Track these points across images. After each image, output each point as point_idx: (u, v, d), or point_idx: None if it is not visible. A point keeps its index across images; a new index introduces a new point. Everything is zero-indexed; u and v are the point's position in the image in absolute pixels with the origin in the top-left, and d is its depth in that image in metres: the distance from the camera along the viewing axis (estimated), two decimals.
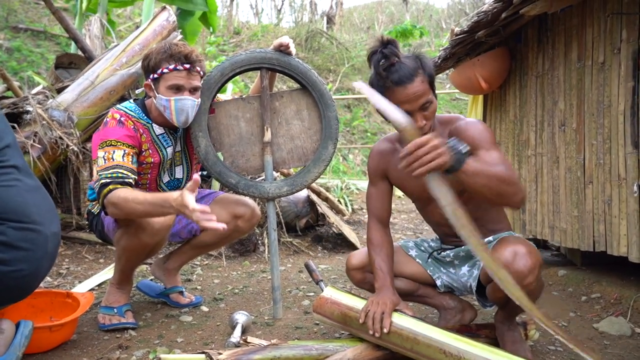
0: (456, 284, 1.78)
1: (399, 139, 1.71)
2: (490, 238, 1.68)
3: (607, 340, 1.84)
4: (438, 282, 1.79)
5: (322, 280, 2.05)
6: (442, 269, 1.80)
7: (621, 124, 2.10)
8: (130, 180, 1.78)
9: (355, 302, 1.62)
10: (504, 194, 1.36)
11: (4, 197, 1.36)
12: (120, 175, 1.76)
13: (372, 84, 1.54)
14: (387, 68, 1.49)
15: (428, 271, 1.80)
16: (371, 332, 1.51)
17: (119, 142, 1.82)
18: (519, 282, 1.42)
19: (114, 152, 1.80)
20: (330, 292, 1.69)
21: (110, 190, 1.71)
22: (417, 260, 1.82)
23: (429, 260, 1.81)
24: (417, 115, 1.52)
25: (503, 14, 2.36)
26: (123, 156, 1.80)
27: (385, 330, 1.50)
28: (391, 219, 5.35)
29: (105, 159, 1.78)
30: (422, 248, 1.85)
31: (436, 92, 1.59)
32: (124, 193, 1.71)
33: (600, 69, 2.23)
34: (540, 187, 2.73)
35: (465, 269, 1.74)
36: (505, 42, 2.93)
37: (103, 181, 1.74)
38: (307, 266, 2.14)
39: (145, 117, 1.95)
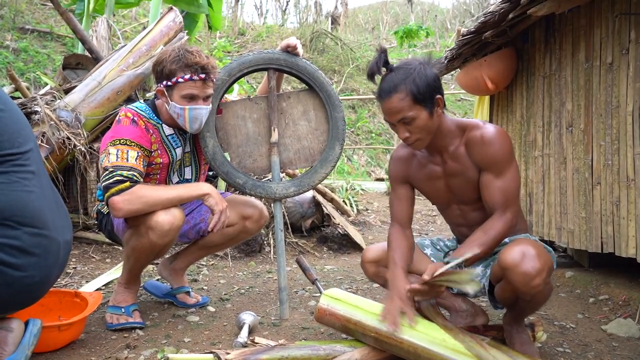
0: None
1: None
2: (507, 240, 1.67)
3: (615, 342, 1.83)
4: None
5: (317, 279, 2.04)
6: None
7: (629, 124, 2.09)
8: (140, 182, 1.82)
9: (353, 312, 1.59)
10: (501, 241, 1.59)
11: (24, 201, 1.36)
12: (135, 178, 1.80)
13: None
14: (373, 78, 1.58)
15: None
16: (386, 329, 1.50)
17: (133, 142, 1.83)
18: (526, 283, 1.43)
19: (127, 152, 1.81)
20: (327, 302, 1.65)
21: (129, 187, 1.76)
22: (432, 259, 1.82)
23: (445, 259, 1.80)
24: (399, 127, 1.57)
25: (510, 14, 2.35)
26: (136, 158, 1.83)
27: (410, 322, 1.49)
28: None
29: (118, 157, 1.80)
30: (438, 247, 1.85)
31: (441, 97, 1.57)
32: (145, 187, 1.80)
33: (608, 70, 2.22)
34: (547, 188, 2.72)
35: (479, 269, 1.73)
36: (512, 43, 2.92)
37: (118, 177, 1.76)
38: (299, 264, 2.11)
39: (156, 117, 1.96)
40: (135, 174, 1.80)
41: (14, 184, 1.36)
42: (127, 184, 1.76)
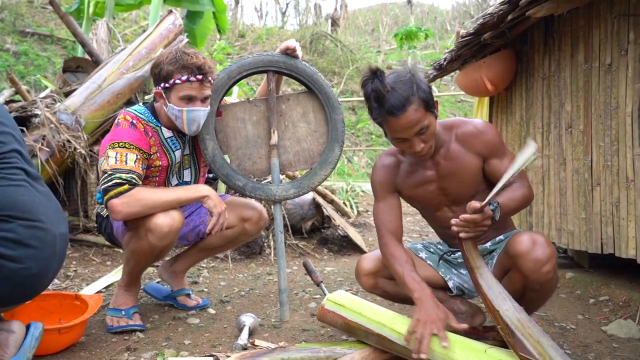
0: (467, 285, 1.77)
1: (401, 152, 1.72)
2: (502, 237, 1.69)
3: (615, 343, 1.83)
4: (450, 284, 1.78)
5: (322, 282, 2.05)
6: (453, 270, 1.80)
7: (629, 125, 2.09)
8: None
9: (357, 319, 1.58)
10: (524, 207, 1.63)
11: (13, 195, 1.38)
12: (134, 181, 1.80)
13: (369, 109, 1.54)
14: (379, 99, 1.49)
15: (440, 273, 1.79)
16: (415, 356, 1.41)
17: (132, 145, 1.84)
18: (537, 270, 1.45)
19: (126, 154, 1.82)
20: (331, 307, 1.65)
21: (128, 190, 1.75)
22: (428, 262, 1.81)
23: (440, 262, 1.80)
24: (414, 140, 1.52)
25: (509, 16, 2.35)
26: (135, 161, 1.83)
27: (444, 344, 1.39)
28: None
29: (117, 160, 1.80)
30: (431, 250, 1.85)
31: (437, 100, 1.58)
32: (144, 190, 1.79)
33: (607, 71, 2.22)
34: (547, 189, 2.72)
35: None
36: (511, 44, 2.93)
37: (117, 180, 1.76)
38: (305, 267, 2.13)
39: (155, 120, 1.96)
40: (134, 176, 1.80)
41: (1, 179, 1.37)
42: (126, 186, 1.76)
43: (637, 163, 2.05)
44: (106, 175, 1.78)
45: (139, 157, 1.84)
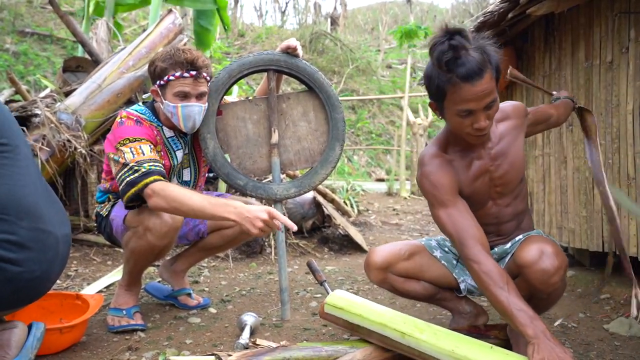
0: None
1: (444, 147, 1.57)
2: (521, 236, 1.65)
3: (617, 341, 1.83)
4: (462, 286, 1.74)
5: (325, 281, 2.05)
6: (467, 272, 1.73)
7: (630, 123, 2.09)
8: (165, 175, 1.79)
9: (358, 321, 1.57)
10: None
11: (17, 195, 1.37)
12: (158, 168, 1.76)
13: (431, 78, 1.39)
14: (452, 61, 1.33)
15: (454, 274, 1.73)
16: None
17: (142, 138, 1.82)
18: (545, 281, 1.42)
19: (140, 147, 1.79)
20: (330, 311, 1.64)
21: (156, 180, 1.71)
22: (442, 261, 1.74)
23: (457, 263, 1.73)
24: (480, 115, 1.38)
25: (509, 14, 2.35)
26: (151, 151, 1.81)
27: None
28: (397, 220, 5.30)
29: (134, 153, 1.77)
30: (446, 249, 1.77)
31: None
32: (177, 190, 1.70)
33: (608, 69, 2.22)
34: (547, 188, 2.72)
35: None
36: (511, 42, 2.92)
37: (144, 170, 1.72)
38: (309, 266, 2.13)
39: (156, 120, 1.96)
40: (157, 164, 1.77)
41: (5, 177, 1.37)
42: (154, 177, 1.72)
43: (638, 161, 2.05)
44: (128, 168, 1.74)
45: (152, 147, 1.83)
